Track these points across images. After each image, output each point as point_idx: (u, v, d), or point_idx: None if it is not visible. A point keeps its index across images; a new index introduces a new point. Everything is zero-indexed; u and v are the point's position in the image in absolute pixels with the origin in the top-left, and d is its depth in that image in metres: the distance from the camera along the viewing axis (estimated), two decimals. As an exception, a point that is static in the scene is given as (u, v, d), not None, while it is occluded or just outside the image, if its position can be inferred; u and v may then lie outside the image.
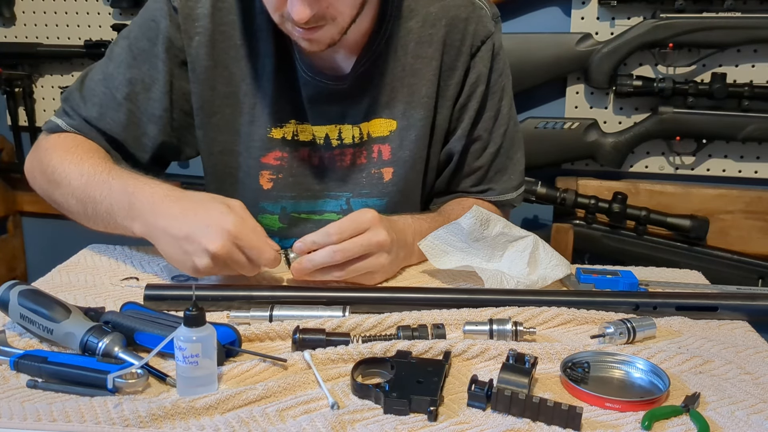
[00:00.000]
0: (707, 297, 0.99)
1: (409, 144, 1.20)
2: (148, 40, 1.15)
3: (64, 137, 1.16)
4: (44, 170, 1.14)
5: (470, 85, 1.21)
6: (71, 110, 1.18)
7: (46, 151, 1.15)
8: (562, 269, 1.04)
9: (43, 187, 1.16)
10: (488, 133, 1.24)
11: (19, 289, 0.86)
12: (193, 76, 1.15)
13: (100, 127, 1.16)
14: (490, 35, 1.20)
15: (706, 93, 1.88)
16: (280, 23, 1.05)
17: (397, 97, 1.18)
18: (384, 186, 1.21)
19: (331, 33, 1.03)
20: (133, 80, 1.15)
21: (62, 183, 1.10)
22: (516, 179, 1.30)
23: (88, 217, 1.09)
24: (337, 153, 1.20)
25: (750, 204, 1.94)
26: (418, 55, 1.17)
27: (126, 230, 1.04)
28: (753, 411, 0.75)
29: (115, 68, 1.17)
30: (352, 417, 0.71)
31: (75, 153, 1.12)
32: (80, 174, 1.08)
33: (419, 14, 1.17)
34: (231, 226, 0.93)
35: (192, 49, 1.14)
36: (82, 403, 0.72)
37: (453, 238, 1.07)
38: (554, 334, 0.91)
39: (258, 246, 0.95)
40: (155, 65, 1.15)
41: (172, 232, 0.96)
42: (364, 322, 0.89)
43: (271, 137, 1.18)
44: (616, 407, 0.74)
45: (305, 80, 1.15)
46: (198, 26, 1.13)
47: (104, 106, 1.16)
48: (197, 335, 0.73)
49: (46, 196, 1.17)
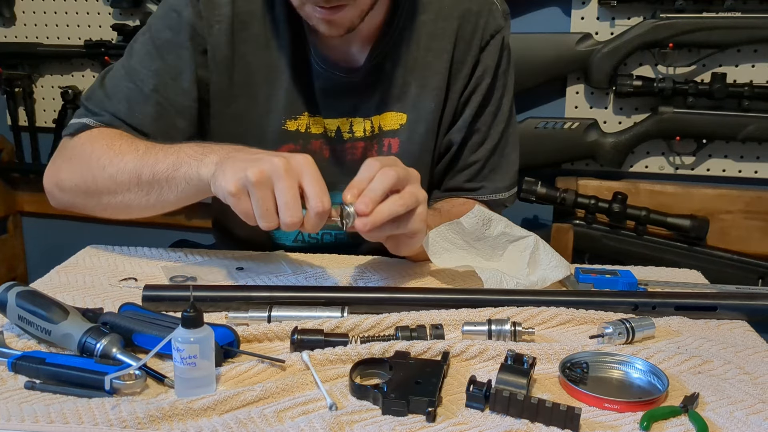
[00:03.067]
0: (706, 297, 0.99)
1: (418, 137, 1.20)
2: (170, 29, 1.14)
3: (98, 132, 1.12)
4: (82, 162, 1.09)
5: (476, 78, 1.21)
6: (97, 108, 1.15)
7: (82, 146, 1.11)
8: (562, 270, 1.04)
9: (77, 184, 1.10)
10: (487, 127, 1.24)
11: (17, 290, 0.85)
12: (212, 65, 1.14)
13: (130, 122, 1.13)
14: (500, 29, 1.20)
15: (706, 93, 1.88)
16: (299, 6, 1.04)
17: (409, 91, 1.19)
18: None
19: (351, 15, 1.03)
20: (159, 71, 1.14)
21: (113, 161, 1.05)
22: (509, 179, 1.30)
23: (141, 185, 1.04)
24: (348, 146, 1.20)
25: (750, 204, 1.94)
26: (430, 48, 1.18)
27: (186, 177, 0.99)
28: (752, 411, 0.74)
29: (138, 62, 1.15)
30: (350, 418, 0.71)
31: (122, 138, 1.08)
32: (136, 148, 1.05)
33: (432, 7, 1.17)
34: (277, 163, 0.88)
35: (212, 37, 1.13)
36: (80, 405, 0.72)
37: (454, 236, 1.07)
38: (553, 335, 0.91)
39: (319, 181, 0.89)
40: (181, 55, 1.13)
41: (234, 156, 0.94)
42: (362, 323, 0.89)
43: (285, 129, 1.18)
44: (614, 408, 0.74)
45: (319, 73, 1.16)
46: (219, 14, 1.12)
47: (132, 101, 1.13)
48: (195, 336, 0.72)
49: (84, 192, 1.11)
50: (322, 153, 1.21)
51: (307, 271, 1.10)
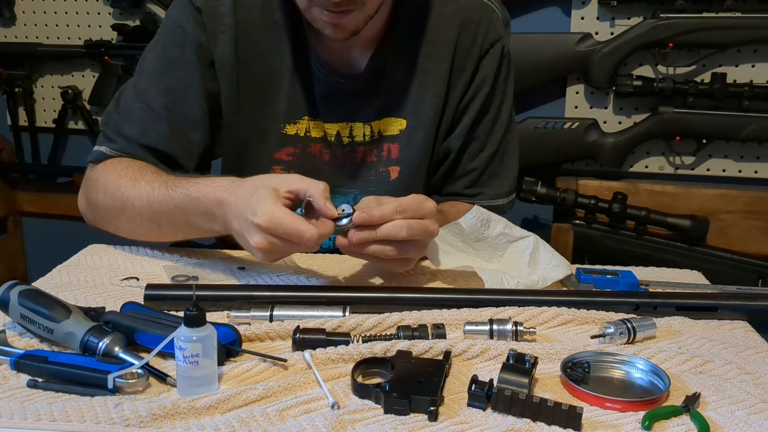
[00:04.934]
0: (707, 297, 0.99)
1: (417, 143, 1.21)
2: (177, 46, 1.15)
3: (110, 163, 1.15)
4: (101, 201, 1.13)
5: (475, 86, 1.21)
6: (113, 133, 1.17)
7: (97, 181, 1.14)
8: (563, 270, 1.04)
9: (104, 218, 1.14)
10: (486, 135, 1.25)
11: (19, 289, 0.86)
12: (220, 75, 1.16)
13: (145, 143, 1.15)
14: (500, 38, 1.21)
15: (706, 93, 1.88)
16: (306, 9, 1.04)
17: (408, 96, 1.19)
18: (390, 184, 1.22)
19: (357, 20, 1.04)
20: (168, 90, 1.15)
21: (125, 208, 1.09)
22: (508, 185, 1.30)
23: (164, 232, 1.10)
24: (348, 150, 1.21)
25: (750, 204, 1.94)
26: (430, 54, 1.18)
27: (211, 232, 1.06)
28: (753, 411, 0.75)
29: (147, 82, 1.16)
30: (352, 417, 0.71)
31: (127, 176, 1.11)
32: (139, 195, 1.08)
33: (432, 14, 1.18)
34: (260, 220, 0.90)
35: (218, 48, 1.14)
36: (83, 403, 0.72)
37: (453, 238, 1.07)
38: (554, 334, 0.91)
39: (293, 231, 0.89)
40: (188, 70, 1.15)
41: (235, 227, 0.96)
42: (364, 322, 0.89)
43: (285, 133, 1.19)
44: (616, 407, 0.74)
45: (319, 78, 1.17)
46: (222, 24, 1.13)
47: (145, 121, 1.15)
48: (197, 335, 0.73)
49: (110, 227, 1.15)
50: (322, 157, 1.22)
51: (308, 271, 1.10)
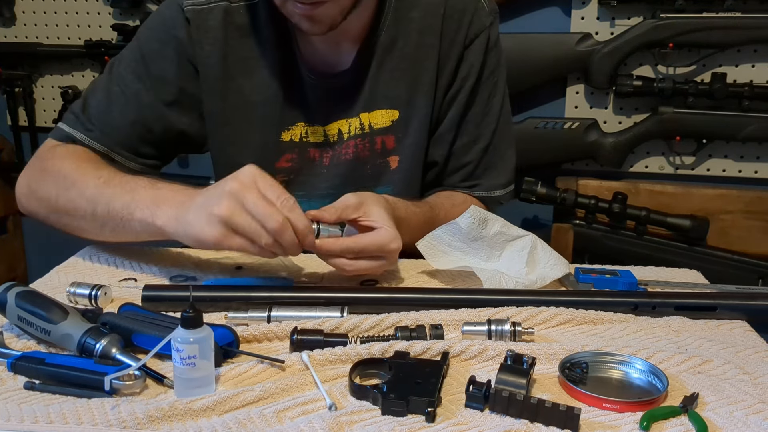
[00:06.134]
0: (706, 297, 0.99)
1: (413, 132, 1.21)
2: (158, 41, 1.17)
3: (73, 149, 1.16)
4: (55, 174, 1.11)
5: (461, 78, 1.21)
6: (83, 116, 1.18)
7: (52, 161, 1.14)
8: (561, 268, 1.04)
9: (49, 193, 1.11)
10: (476, 128, 1.24)
11: (16, 291, 0.86)
12: (205, 86, 1.17)
13: (111, 124, 1.17)
14: (484, 29, 1.20)
15: (706, 93, 1.88)
16: (281, 4, 1.04)
17: (400, 87, 1.19)
18: (390, 174, 1.22)
19: (332, 12, 1.03)
20: (143, 78, 1.16)
21: (76, 183, 1.07)
22: (505, 177, 1.30)
23: (96, 217, 1.05)
24: (342, 148, 1.21)
25: (750, 204, 1.93)
26: (420, 44, 1.18)
27: (142, 223, 1.00)
28: (751, 411, 0.74)
29: (124, 68, 1.18)
30: (349, 418, 0.71)
31: (91, 162, 1.12)
32: (98, 176, 1.07)
33: (420, 4, 1.18)
34: (242, 177, 0.90)
35: (203, 58, 1.15)
36: (80, 405, 0.72)
37: (451, 238, 1.07)
38: (552, 335, 0.91)
39: (263, 210, 0.88)
40: (164, 65, 1.16)
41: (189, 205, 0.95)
42: (362, 323, 0.89)
43: (281, 140, 1.19)
44: (614, 408, 0.74)
45: (310, 83, 1.17)
46: (210, 37, 1.14)
47: (113, 105, 1.17)
48: (194, 336, 0.72)
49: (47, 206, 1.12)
50: (322, 158, 1.22)
51: (306, 271, 1.10)
